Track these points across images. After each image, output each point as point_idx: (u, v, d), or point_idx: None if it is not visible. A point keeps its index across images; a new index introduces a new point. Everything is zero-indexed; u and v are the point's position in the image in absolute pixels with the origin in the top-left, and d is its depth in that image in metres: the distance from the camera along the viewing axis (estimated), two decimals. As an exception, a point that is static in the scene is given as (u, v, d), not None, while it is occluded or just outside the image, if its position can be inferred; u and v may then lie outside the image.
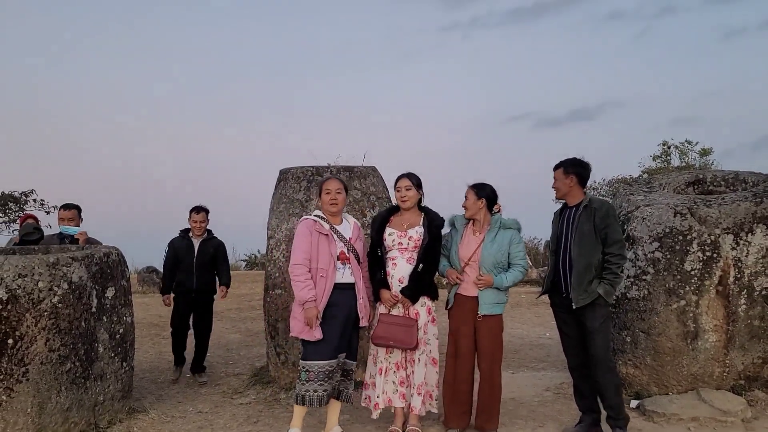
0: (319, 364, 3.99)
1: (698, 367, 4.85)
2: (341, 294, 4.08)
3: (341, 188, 4.24)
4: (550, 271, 4.36)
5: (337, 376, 4.14)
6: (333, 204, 4.18)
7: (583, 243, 4.10)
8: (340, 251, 4.12)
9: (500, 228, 4.32)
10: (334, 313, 4.05)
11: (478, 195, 4.33)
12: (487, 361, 4.27)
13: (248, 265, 20.64)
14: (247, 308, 11.07)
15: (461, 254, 4.30)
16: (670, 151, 24.05)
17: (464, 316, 4.28)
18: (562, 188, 4.30)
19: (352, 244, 4.19)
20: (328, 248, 4.07)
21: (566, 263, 4.19)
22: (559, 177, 4.31)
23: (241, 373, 6.34)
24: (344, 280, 4.11)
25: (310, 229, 4.10)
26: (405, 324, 4.15)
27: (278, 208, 5.86)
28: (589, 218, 4.12)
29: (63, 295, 4.04)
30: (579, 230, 4.13)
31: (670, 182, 5.76)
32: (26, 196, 16.01)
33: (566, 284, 4.19)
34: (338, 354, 4.08)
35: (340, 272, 4.10)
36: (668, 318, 4.85)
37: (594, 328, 4.08)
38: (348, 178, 5.92)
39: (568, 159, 4.32)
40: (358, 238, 4.27)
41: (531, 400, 5.23)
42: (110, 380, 4.46)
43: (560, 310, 4.32)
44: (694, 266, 4.82)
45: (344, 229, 4.23)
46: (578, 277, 4.08)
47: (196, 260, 6.06)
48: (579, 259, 4.09)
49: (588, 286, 4.07)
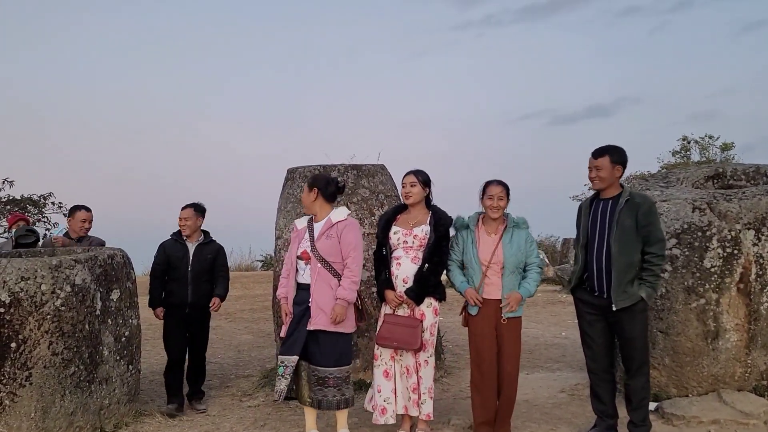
0: (280, 358, 4.09)
1: (719, 368, 4.69)
2: (302, 294, 4.09)
3: (305, 187, 4.21)
4: (580, 267, 4.10)
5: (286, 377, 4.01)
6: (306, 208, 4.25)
7: (624, 240, 3.85)
8: (302, 251, 4.08)
9: (514, 228, 4.19)
10: (295, 311, 4.09)
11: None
12: (512, 364, 4.14)
13: (264, 265, 20.67)
14: (260, 309, 11.03)
15: (481, 257, 4.12)
16: (690, 146, 23.69)
17: (487, 320, 4.11)
18: (608, 178, 3.96)
19: (315, 243, 4.05)
20: (294, 248, 4.16)
21: (602, 260, 3.94)
22: (605, 165, 3.95)
23: (251, 374, 6.28)
24: (303, 280, 4.08)
25: (294, 229, 4.25)
26: (409, 324, 4.04)
27: (286, 208, 5.80)
28: (632, 213, 3.86)
29: (66, 297, 3.99)
30: (620, 226, 3.86)
31: (688, 177, 5.59)
32: (45, 199, 16.14)
33: (600, 283, 3.96)
34: (297, 352, 4.00)
35: (301, 272, 4.10)
36: (687, 317, 4.69)
37: (635, 335, 3.91)
38: (356, 176, 5.84)
39: (613, 146, 4.00)
40: (325, 236, 4.03)
41: (545, 402, 5.10)
42: (116, 383, 4.40)
43: (590, 309, 4.06)
44: (714, 263, 4.65)
45: (318, 226, 4.13)
46: (619, 276, 3.85)
47: (191, 268, 5.13)
48: (620, 258, 3.85)
49: (628, 286, 3.85)
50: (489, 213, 4.16)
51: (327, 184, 4.15)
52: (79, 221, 5.46)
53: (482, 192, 4.20)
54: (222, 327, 9.20)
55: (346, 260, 4.01)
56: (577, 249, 4.17)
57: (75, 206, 5.58)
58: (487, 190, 4.16)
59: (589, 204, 4.14)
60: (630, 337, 3.93)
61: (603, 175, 3.97)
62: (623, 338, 3.97)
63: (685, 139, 23.67)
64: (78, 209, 5.52)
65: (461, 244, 4.21)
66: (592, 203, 4.12)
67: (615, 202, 3.97)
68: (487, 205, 4.14)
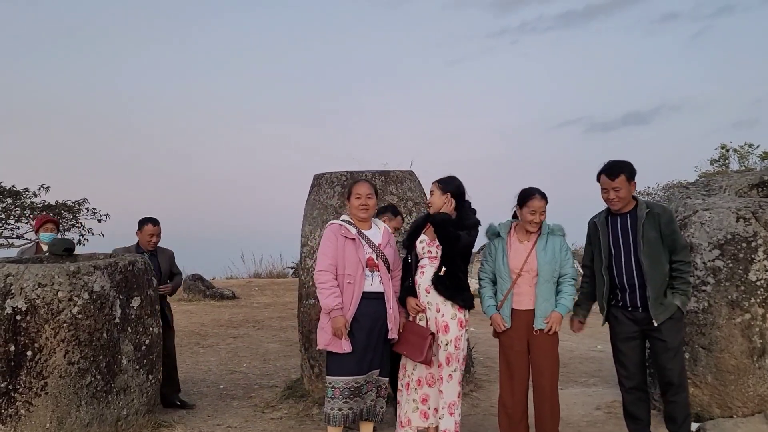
0: (344, 379, 3.76)
1: (766, 388, 4.41)
2: (369, 303, 3.83)
3: (372, 192, 3.99)
4: (607, 289, 3.93)
5: (372, 394, 3.89)
6: (363, 209, 3.93)
7: (653, 253, 3.75)
8: (368, 257, 3.87)
9: (548, 235, 3.99)
10: (362, 324, 3.80)
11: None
12: (547, 378, 3.92)
13: (295, 272, 20.68)
14: (289, 317, 10.94)
15: (512, 265, 3.94)
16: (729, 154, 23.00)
17: (519, 332, 3.93)
18: (627, 197, 3.86)
19: (382, 250, 3.92)
20: (355, 253, 3.84)
21: (632, 276, 3.81)
22: (623, 185, 3.83)
23: (276, 385, 6.16)
24: (373, 288, 3.86)
25: (336, 234, 3.88)
26: (420, 334, 3.88)
27: (312, 215, 5.69)
28: (654, 225, 3.77)
29: (83, 305, 3.94)
30: (646, 239, 3.75)
31: (731, 185, 5.30)
32: (79, 204, 16.37)
33: (634, 298, 3.83)
34: (369, 369, 3.83)
35: (368, 280, 3.85)
36: (731, 333, 4.41)
37: (674, 346, 3.79)
38: (384, 183, 5.70)
39: (623, 162, 3.88)
40: (388, 244, 4.00)
41: (580, 420, 4.88)
42: (134, 393, 4.33)
43: (626, 326, 3.90)
44: (759, 276, 4.38)
45: (373, 235, 3.98)
46: (655, 290, 3.74)
47: None
48: (652, 271, 3.74)
49: (663, 299, 3.75)
50: (527, 227, 3.98)
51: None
52: (146, 235, 5.35)
53: (521, 201, 3.99)
54: (249, 335, 9.14)
55: (395, 270, 4.05)
56: (601, 269, 3.94)
57: (143, 219, 5.42)
58: (529, 203, 3.93)
59: (605, 222, 3.96)
60: (671, 348, 3.80)
61: (623, 195, 3.86)
62: (663, 350, 3.80)
63: (724, 147, 22.99)
64: (145, 223, 5.38)
65: (493, 254, 4.03)
66: (608, 221, 3.95)
67: (634, 215, 3.86)
68: (528, 219, 3.95)
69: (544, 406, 3.91)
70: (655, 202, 4.20)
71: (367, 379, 3.85)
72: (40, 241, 5.95)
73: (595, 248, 4.01)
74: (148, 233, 5.36)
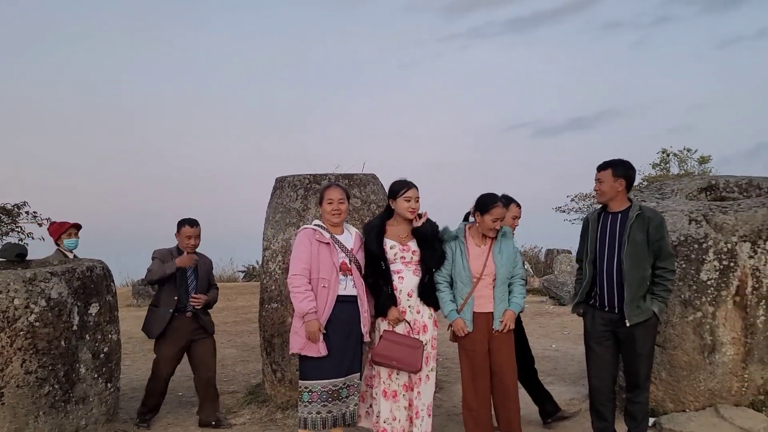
0: (322, 383, 3.74)
1: (716, 382, 4.60)
2: (344, 307, 3.83)
3: (344, 197, 3.99)
4: (587, 283, 4.02)
5: (354, 398, 3.88)
6: (335, 214, 3.93)
7: (636, 255, 3.81)
8: (341, 262, 3.87)
9: (501, 237, 4.08)
10: (337, 327, 3.79)
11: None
12: (510, 377, 4.01)
13: (246, 276, 20.38)
14: (244, 321, 10.79)
15: (473, 269, 4.00)
16: (669, 158, 23.94)
17: (480, 334, 3.98)
18: (608, 192, 3.93)
19: (354, 255, 3.93)
20: (330, 258, 3.83)
21: (612, 275, 3.87)
22: (606, 178, 3.92)
23: (236, 390, 6.07)
24: (346, 292, 3.86)
25: (310, 239, 3.86)
26: (411, 345, 3.86)
27: (274, 218, 5.63)
28: (643, 228, 3.82)
29: (40, 312, 3.80)
30: (632, 240, 3.81)
31: (682, 188, 5.53)
32: (18, 208, 15.69)
33: (611, 298, 3.89)
34: (349, 373, 3.82)
35: (342, 284, 3.85)
36: (684, 330, 4.60)
37: (644, 351, 3.86)
38: (347, 186, 5.70)
39: (617, 160, 3.97)
40: (360, 249, 4.01)
41: (539, 418, 4.97)
42: (93, 403, 4.19)
43: (599, 325, 3.96)
44: (710, 276, 4.58)
45: (346, 240, 3.99)
46: (631, 291, 3.79)
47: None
48: (632, 272, 3.80)
49: (640, 301, 3.81)
50: (487, 233, 4.04)
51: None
52: (184, 237, 4.95)
53: (483, 208, 4.02)
54: (204, 340, 8.95)
55: None
56: (584, 263, 4.04)
57: (181, 221, 5.02)
58: (493, 212, 3.98)
59: (597, 218, 4.05)
60: (640, 353, 3.86)
61: (604, 189, 3.95)
62: (633, 353, 3.89)
63: (665, 152, 23.94)
64: (183, 224, 4.99)
65: (450, 257, 4.07)
66: (600, 217, 4.03)
67: (624, 216, 3.91)
68: (490, 227, 4.00)
69: (509, 405, 3.99)
70: (648, 206, 4.25)
71: (348, 383, 3.83)
72: (64, 249, 5.50)
73: (586, 243, 4.06)
74: (186, 235, 4.95)
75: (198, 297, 4.89)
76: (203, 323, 5.00)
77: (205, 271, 5.07)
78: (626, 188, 3.96)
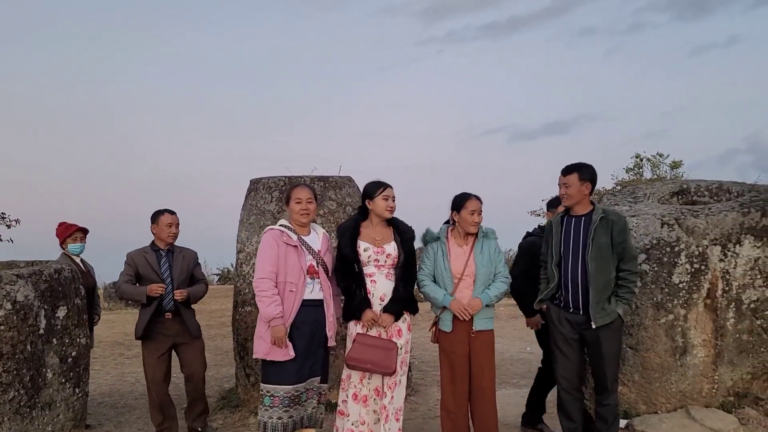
0: (284, 388, 3.68)
1: (687, 384, 4.65)
2: (309, 311, 3.78)
3: (312, 197, 3.94)
4: (555, 285, 4.04)
5: (313, 402, 3.84)
6: (304, 214, 3.88)
7: (600, 257, 3.85)
8: (309, 264, 3.81)
9: (483, 238, 4.08)
10: (302, 331, 3.75)
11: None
12: (488, 379, 4.02)
13: (220, 279, 20.19)
14: (217, 325, 10.67)
15: (453, 269, 4.00)
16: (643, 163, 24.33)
17: (460, 335, 3.98)
18: (576, 195, 3.97)
19: (322, 257, 3.88)
20: (297, 261, 3.77)
21: (578, 277, 3.91)
22: (573, 182, 3.96)
23: (209, 395, 5.95)
24: (313, 296, 3.81)
25: (277, 240, 3.80)
26: (385, 347, 3.83)
27: (248, 220, 5.58)
28: (607, 231, 3.87)
29: (5, 316, 3.68)
30: (596, 243, 3.85)
31: (654, 192, 5.59)
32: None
33: (576, 300, 3.92)
34: (309, 377, 3.77)
35: (309, 287, 3.79)
36: (656, 333, 4.64)
37: (611, 353, 3.90)
38: (322, 188, 5.68)
39: (582, 163, 4.02)
40: (327, 251, 3.97)
41: (515, 420, 5.00)
42: (60, 408, 4.09)
43: (565, 326, 4.00)
44: (682, 279, 4.63)
45: (313, 241, 3.92)
46: (596, 293, 3.84)
47: None
48: (597, 275, 3.84)
49: (605, 303, 3.85)
50: (468, 228, 4.04)
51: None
52: (164, 227, 4.69)
53: (458, 205, 4.04)
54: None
55: (331, 277, 3.98)
56: (550, 266, 4.06)
57: (158, 211, 4.78)
58: (467, 204, 4.00)
59: (560, 221, 4.08)
60: (606, 354, 3.90)
61: (571, 192, 3.98)
62: (599, 355, 3.92)
63: (638, 156, 24.32)
64: (161, 214, 4.74)
65: (432, 257, 4.07)
66: (564, 220, 4.06)
67: (588, 219, 3.97)
68: (469, 220, 4.00)
69: (487, 407, 3.99)
70: (611, 209, 4.30)
71: (307, 387, 3.79)
72: (69, 254, 5.26)
73: (550, 246, 4.08)
74: (166, 223, 4.69)
75: (181, 291, 4.61)
76: (189, 325, 4.70)
77: (185, 265, 4.76)
78: (590, 191, 4.01)
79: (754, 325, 4.72)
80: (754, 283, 4.72)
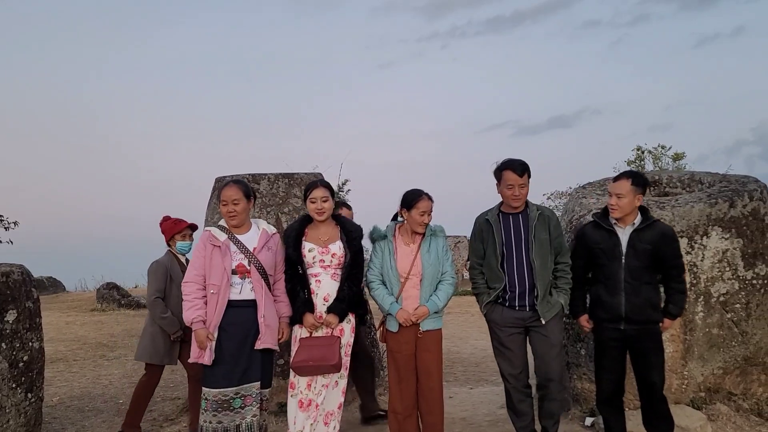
0: (213, 392, 3.59)
1: (655, 380, 4.54)
2: (239, 312, 3.65)
3: (239, 197, 3.75)
4: (504, 285, 3.88)
5: (252, 409, 3.64)
6: (231, 216, 3.75)
7: (543, 253, 3.83)
8: (238, 264, 3.68)
9: (431, 237, 3.98)
10: (231, 333, 3.62)
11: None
12: (435, 379, 3.91)
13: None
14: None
15: (400, 268, 3.90)
16: (644, 156, 24.10)
17: (407, 335, 3.88)
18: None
19: (255, 255, 3.73)
20: (221, 262, 3.65)
21: (523, 274, 3.84)
22: (528, 183, 3.86)
23: (179, 397, 5.92)
24: (242, 296, 3.67)
25: (205, 243, 3.72)
26: (326, 343, 3.75)
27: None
28: (545, 227, 3.86)
29: (-55, 321, 3.63)
30: (538, 240, 3.82)
31: (623, 184, 5.47)
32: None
33: (522, 297, 3.84)
34: (243, 382, 3.63)
35: (236, 288, 3.66)
36: (622, 328, 4.53)
37: (557, 342, 3.88)
38: (287, 185, 5.60)
39: (525, 162, 3.90)
40: (266, 248, 3.79)
41: (482, 419, 4.91)
42: (11, 414, 4.03)
43: (510, 324, 3.90)
44: (648, 272, 4.51)
45: (248, 239, 3.79)
46: (543, 289, 3.82)
47: None
48: (542, 272, 3.82)
49: (549, 297, 3.84)
50: (417, 228, 3.94)
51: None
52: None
53: (408, 204, 3.92)
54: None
55: (278, 275, 3.86)
56: (494, 264, 3.90)
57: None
58: (418, 204, 3.89)
59: (497, 219, 3.95)
60: (555, 345, 3.88)
61: (526, 192, 3.91)
62: (549, 347, 3.87)
63: (640, 149, 24.11)
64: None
65: (380, 256, 3.97)
66: (499, 218, 3.95)
67: (525, 216, 3.91)
68: (418, 221, 3.90)
69: (435, 407, 3.90)
70: (541, 205, 4.24)
71: (243, 393, 3.64)
72: (176, 252, 4.73)
73: (488, 245, 3.94)
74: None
75: None
76: None
77: None
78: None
79: (724, 318, 4.61)
80: (723, 276, 4.61)
